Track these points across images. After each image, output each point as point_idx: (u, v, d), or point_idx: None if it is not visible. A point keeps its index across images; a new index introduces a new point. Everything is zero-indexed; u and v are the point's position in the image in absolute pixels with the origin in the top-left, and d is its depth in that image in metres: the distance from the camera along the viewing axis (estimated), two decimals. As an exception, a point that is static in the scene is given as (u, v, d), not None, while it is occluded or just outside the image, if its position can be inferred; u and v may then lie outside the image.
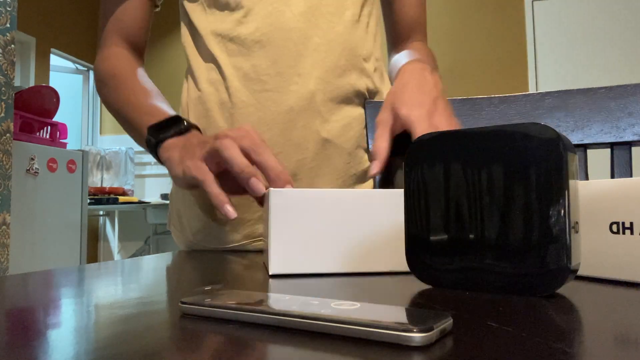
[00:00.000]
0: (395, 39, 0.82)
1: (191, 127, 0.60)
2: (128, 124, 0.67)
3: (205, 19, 0.71)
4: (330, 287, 0.35)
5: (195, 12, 0.72)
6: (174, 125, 0.59)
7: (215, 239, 0.72)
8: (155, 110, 0.63)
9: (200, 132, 0.61)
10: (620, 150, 0.63)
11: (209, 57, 0.71)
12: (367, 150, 0.73)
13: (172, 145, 0.58)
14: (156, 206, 4.03)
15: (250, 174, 0.48)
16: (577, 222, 0.31)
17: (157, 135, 0.59)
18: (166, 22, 4.41)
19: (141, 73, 0.72)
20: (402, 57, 0.75)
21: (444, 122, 0.52)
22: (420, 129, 0.51)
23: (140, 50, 0.77)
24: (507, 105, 0.68)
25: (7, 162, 1.95)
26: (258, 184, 0.48)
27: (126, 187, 4.39)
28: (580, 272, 0.37)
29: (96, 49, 0.77)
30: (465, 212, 0.33)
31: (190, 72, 0.74)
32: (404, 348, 0.20)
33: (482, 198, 0.32)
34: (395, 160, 0.76)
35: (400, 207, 0.42)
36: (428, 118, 0.52)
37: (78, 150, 2.81)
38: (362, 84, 0.73)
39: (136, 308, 0.28)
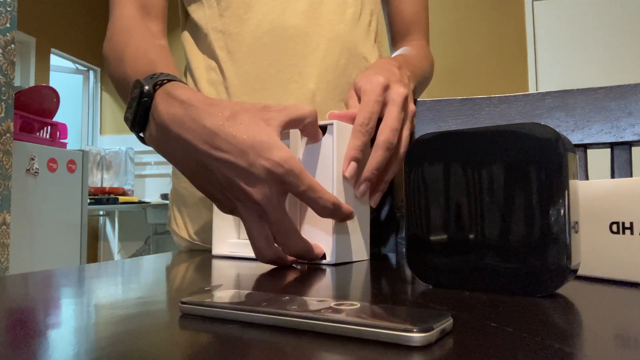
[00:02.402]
0: (394, 36, 0.81)
1: (146, 90, 0.44)
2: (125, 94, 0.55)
3: (206, 17, 0.71)
4: (327, 285, 0.35)
5: (197, 11, 0.72)
6: (133, 114, 0.45)
7: (215, 239, 0.72)
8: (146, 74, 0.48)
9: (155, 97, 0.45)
10: (620, 150, 0.63)
11: (209, 55, 0.71)
12: None
13: (149, 139, 0.45)
14: (156, 206, 4.03)
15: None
16: (577, 222, 0.31)
17: (132, 130, 0.47)
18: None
19: (135, 45, 0.59)
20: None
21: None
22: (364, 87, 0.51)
23: (157, 16, 0.67)
24: (507, 105, 0.68)
25: (7, 162, 1.95)
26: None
27: (126, 187, 4.39)
28: (580, 272, 0.37)
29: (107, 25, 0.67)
30: (465, 212, 0.33)
31: (189, 72, 0.74)
32: (404, 348, 0.20)
33: (482, 198, 0.32)
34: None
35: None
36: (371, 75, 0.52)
37: (78, 150, 2.81)
38: None
39: (136, 308, 0.28)
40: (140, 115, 0.45)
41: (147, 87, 0.45)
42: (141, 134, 0.48)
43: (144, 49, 0.59)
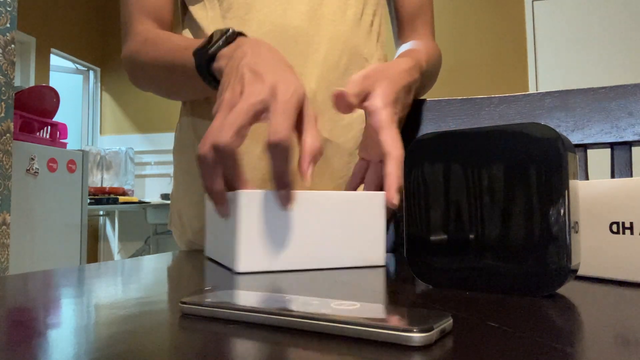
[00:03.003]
0: (400, 31, 0.80)
1: (236, 33, 0.55)
2: (170, 70, 0.63)
3: (208, 18, 0.71)
4: (327, 285, 0.35)
5: (199, 12, 0.72)
6: (221, 36, 0.55)
7: (215, 239, 0.72)
8: (196, 42, 0.58)
9: (245, 35, 0.56)
10: (620, 150, 0.63)
11: None
12: None
13: (225, 54, 0.53)
14: (156, 206, 4.03)
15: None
16: (577, 222, 0.31)
17: (206, 52, 0.55)
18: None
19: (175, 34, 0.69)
20: (400, 51, 0.75)
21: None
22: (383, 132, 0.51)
23: (167, 28, 0.74)
24: (507, 105, 0.68)
25: (7, 162, 1.95)
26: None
27: (126, 187, 4.39)
28: (580, 272, 0.37)
29: (122, 40, 0.73)
30: (465, 212, 0.33)
31: None
32: (404, 348, 0.20)
33: (482, 198, 0.32)
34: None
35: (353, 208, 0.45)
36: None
37: (78, 150, 2.81)
38: None
39: (136, 308, 0.28)
40: (223, 44, 0.54)
41: (231, 30, 0.55)
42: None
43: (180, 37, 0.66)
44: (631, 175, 0.62)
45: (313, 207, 0.45)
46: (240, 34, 0.56)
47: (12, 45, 1.95)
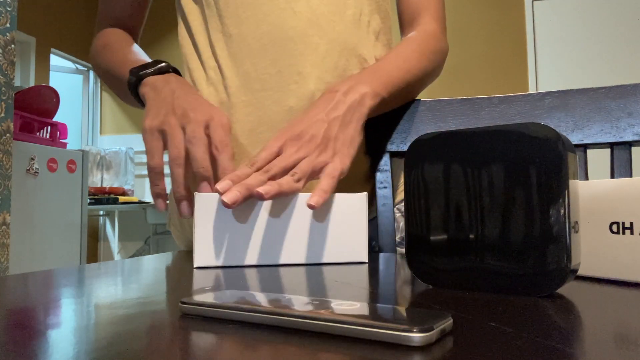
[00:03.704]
0: (402, 23, 0.78)
1: (171, 68, 0.64)
2: (115, 79, 0.72)
3: (205, 18, 0.71)
4: (327, 285, 0.35)
5: (196, 12, 0.72)
6: (155, 65, 0.64)
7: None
8: (140, 61, 0.67)
9: (180, 75, 0.65)
10: (620, 150, 0.63)
11: (208, 56, 0.71)
12: (366, 152, 0.73)
13: (150, 82, 0.61)
14: (156, 206, 4.02)
15: (205, 177, 0.54)
16: (577, 222, 0.31)
17: (137, 72, 0.63)
18: (165, 23, 4.41)
19: (134, 44, 0.77)
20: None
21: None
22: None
23: (134, 34, 0.83)
24: (507, 105, 0.68)
25: (7, 162, 1.95)
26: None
27: (126, 187, 4.39)
28: (580, 272, 0.37)
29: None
30: (465, 212, 0.33)
31: (188, 72, 0.74)
32: (404, 348, 0.20)
33: (482, 198, 0.32)
34: (395, 160, 0.76)
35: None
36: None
37: (78, 150, 2.81)
38: None
39: (136, 308, 0.28)
40: (152, 72, 0.63)
41: (165, 64, 0.64)
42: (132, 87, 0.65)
43: (137, 50, 0.76)
44: (631, 175, 0.62)
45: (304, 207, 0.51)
46: (175, 70, 0.64)
47: (12, 45, 1.95)
